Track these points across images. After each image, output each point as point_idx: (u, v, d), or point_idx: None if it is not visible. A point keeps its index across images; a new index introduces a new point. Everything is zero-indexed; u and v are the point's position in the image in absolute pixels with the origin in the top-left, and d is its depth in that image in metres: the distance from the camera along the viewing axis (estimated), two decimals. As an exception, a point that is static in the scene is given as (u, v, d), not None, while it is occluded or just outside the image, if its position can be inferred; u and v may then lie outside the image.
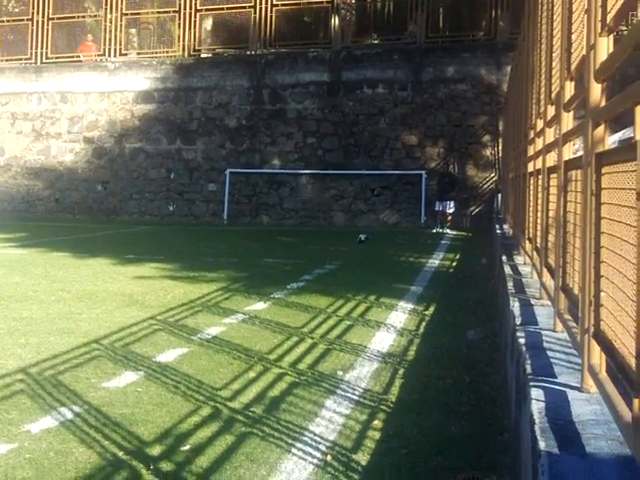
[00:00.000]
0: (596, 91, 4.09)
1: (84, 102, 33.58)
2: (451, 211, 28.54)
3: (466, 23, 31.99)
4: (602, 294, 3.67)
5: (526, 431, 4.09)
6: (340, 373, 7.63)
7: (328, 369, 7.82)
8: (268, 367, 7.90)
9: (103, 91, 33.33)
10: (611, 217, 3.50)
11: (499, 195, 26.13)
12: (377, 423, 6.15)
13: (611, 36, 3.92)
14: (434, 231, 27.25)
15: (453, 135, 29.43)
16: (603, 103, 4.04)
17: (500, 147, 28.18)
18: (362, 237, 23.46)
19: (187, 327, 9.96)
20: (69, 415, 6.27)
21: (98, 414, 6.28)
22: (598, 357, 3.76)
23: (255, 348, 8.74)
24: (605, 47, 3.93)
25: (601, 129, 3.98)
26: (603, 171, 3.72)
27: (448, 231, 27.26)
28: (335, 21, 31.77)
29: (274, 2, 32.11)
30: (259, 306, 11.61)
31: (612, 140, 14.40)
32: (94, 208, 33.10)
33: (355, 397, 6.82)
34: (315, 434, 5.86)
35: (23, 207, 33.85)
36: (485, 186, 29.19)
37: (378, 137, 30.14)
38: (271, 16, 32.13)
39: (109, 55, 33.99)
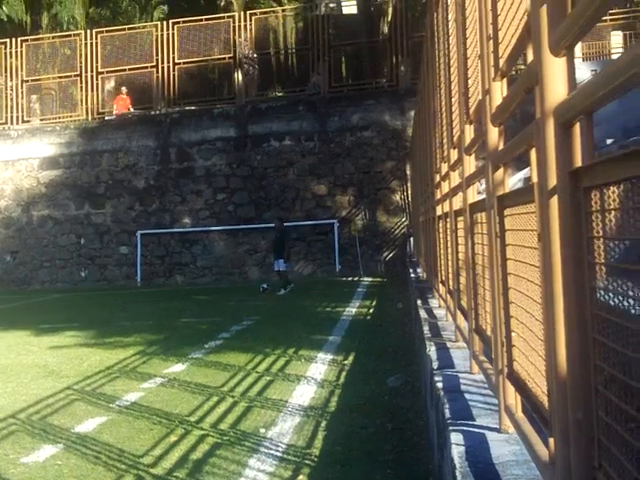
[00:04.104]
0: (493, 134, 4.15)
1: (-12, 172, 33.07)
2: (283, 269, 24.63)
3: (368, 71, 32.53)
4: (513, 334, 3.69)
5: (448, 476, 4.08)
6: (262, 430, 7.57)
7: (250, 427, 7.74)
8: (189, 430, 7.80)
9: (7, 159, 32.81)
10: (516, 258, 3.53)
11: (411, 239, 26.27)
12: (302, 478, 6.10)
13: (504, 80, 3.99)
14: (279, 293, 23.63)
15: (362, 182, 29.65)
16: (501, 146, 4.10)
17: (409, 191, 28.42)
18: (264, 285, 24.36)
19: (105, 395, 9.80)
20: (-14, 495, 6.11)
21: (17, 491, 6.13)
22: (513, 397, 3.78)
23: (175, 411, 8.64)
24: (499, 91, 4.00)
25: (501, 172, 4.03)
26: (505, 213, 3.77)
27: (283, 292, 23.76)
28: (238, 76, 31.96)
29: (176, 60, 32.17)
30: (177, 368, 11.49)
31: (517, 178, 14.63)
32: (4, 279, 32.44)
33: (279, 453, 6.76)
34: (240, 495, 5.79)
35: None
36: (397, 231, 29.42)
37: (288, 189, 30.23)
38: (174, 74, 32.21)
39: (12, 123, 33.62)
